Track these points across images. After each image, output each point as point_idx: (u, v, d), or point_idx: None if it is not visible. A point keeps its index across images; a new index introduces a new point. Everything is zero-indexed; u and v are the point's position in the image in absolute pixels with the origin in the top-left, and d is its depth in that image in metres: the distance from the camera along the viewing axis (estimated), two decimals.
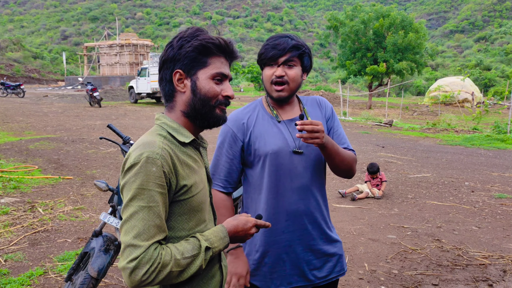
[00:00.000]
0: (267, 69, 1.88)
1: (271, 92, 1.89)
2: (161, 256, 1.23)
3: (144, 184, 1.25)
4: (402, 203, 6.44)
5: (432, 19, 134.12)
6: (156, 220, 1.25)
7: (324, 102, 2.07)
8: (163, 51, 1.43)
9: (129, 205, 1.26)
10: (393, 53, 26.65)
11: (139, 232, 1.23)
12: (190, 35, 1.38)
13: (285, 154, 1.88)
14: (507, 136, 13.39)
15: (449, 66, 79.68)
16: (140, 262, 1.20)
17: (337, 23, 29.01)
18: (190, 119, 1.43)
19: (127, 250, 1.22)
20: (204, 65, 1.39)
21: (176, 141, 1.39)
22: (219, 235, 1.38)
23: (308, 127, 1.69)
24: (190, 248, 1.30)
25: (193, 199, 1.37)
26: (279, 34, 1.91)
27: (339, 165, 1.90)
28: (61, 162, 8.62)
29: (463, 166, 9.30)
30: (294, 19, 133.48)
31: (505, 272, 4.16)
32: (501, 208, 6.20)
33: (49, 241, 4.71)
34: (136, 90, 26.11)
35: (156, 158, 1.27)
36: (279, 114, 1.95)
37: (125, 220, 1.26)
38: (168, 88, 1.41)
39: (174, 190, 1.32)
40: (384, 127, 16.81)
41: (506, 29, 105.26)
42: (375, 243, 4.89)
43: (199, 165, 1.45)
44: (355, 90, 44.23)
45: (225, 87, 1.42)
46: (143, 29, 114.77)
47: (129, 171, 1.28)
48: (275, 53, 1.83)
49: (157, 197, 1.26)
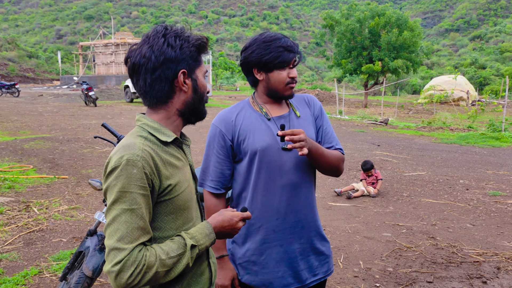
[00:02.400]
0: (280, 72, 1.87)
1: (285, 92, 1.91)
2: (145, 257, 1.23)
3: (125, 187, 1.25)
4: (397, 201, 6.47)
5: (427, 17, 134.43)
6: (139, 222, 1.25)
7: (312, 101, 2.08)
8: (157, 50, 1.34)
9: (111, 209, 1.27)
10: (388, 52, 26.73)
11: (122, 235, 1.23)
12: (183, 34, 1.39)
13: (274, 151, 1.88)
14: (502, 134, 13.46)
15: (444, 65, 79.96)
16: (125, 265, 1.21)
17: (333, 22, 29.06)
18: (184, 117, 1.44)
19: (111, 254, 1.23)
20: (199, 64, 1.44)
21: (158, 141, 1.39)
22: (204, 232, 1.38)
23: (289, 138, 1.71)
24: (175, 247, 1.30)
25: (178, 198, 1.37)
26: (276, 35, 1.89)
27: (325, 166, 1.93)
28: (56, 161, 8.60)
29: (458, 164, 9.34)
30: (290, 18, 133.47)
31: (499, 269, 4.19)
32: (495, 206, 6.23)
33: (44, 241, 4.70)
34: (132, 89, 26.03)
35: (137, 160, 1.27)
36: (268, 112, 1.95)
37: (108, 224, 1.27)
38: (168, 88, 1.39)
39: (157, 190, 1.32)
40: (380, 126, 16.85)
41: (501, 28, 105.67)
42: (370, 241, 4.90)
43: (183, 164, 1.45)
44: (351, 89, 44.35)
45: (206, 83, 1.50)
46: (139, 28, 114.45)
47: (111, 174, 1.28)
48: (293, 56, 1.86)
49: (139, 199, 1.26)
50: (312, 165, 1.94)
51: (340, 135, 13.53)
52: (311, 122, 2.00)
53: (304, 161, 1.93)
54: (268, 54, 1.84)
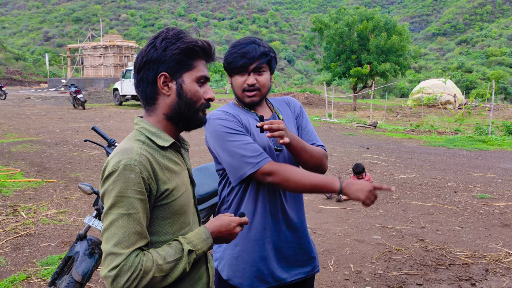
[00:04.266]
0: (237, 77, 1.88)
1: (243, 98, 1.91)
2: (142, 262, 1.23)
3: (122, 191, 1.25)
4: (387, 204, 6.51)
5: (414, 22, 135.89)
6: (136, 227, 1.25)
7: (292, 101, 2.11)
8: (143, 50, 1.41)
9: (108, 213, 1.27)
10: (377, 55, 26.97)
11: (119, 240, 1.23)
12: (174, 37, 1.37)
13: (271, 151, 1.90)
14: (488, 137, 13.63)
15: (431, 69, 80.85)
16: (122, 270, 1.21)
17: (322, 25, 29.24)
18: (173, 122, 1.42)
19: (108, 259, 1.23)
20: (190, 68, 1.39)
21: (156, 145, 1.38)
22: (201, 236, 1.38)
23: (267, 127, 1.69)
24: (172, 252, 1.30)
25: (175, 202, 1.37)
26: (244, 40, 1.90)
27: (308, 161, 1.91)
28: (44, 165, 8.51)
29: (446, 167, 9.43)
30: (279, 21, 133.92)
31: (487, 271, 4.23)
32: (483, 208, 6.30)
33: (32, 245, 4.64)
34: (121, 92, 25.89)
35: (134, 164, 1.27)
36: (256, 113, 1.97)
37: (105, 228, 1.27)
38: (150, 90, 1.40)
39: (155, 195, 1.32)
40: (369, 129, 16.95)
41: (487, 32, 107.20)
42: (360, 243, 4.93)
43: (180, 168, 1.44)
44: (340, 92, 44.58)
45: (206, 90, 1.44)
46: (128, 30, 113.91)
47: (108, 179, 1.28)
48: (245, 62, 1.84)
49: (137, 204, 1.26)
50: (297, 160, 1.93)
51: (329, 138, 13.59)
52: (292, 123, 2.03)
53: (291, 163, 1.93)
54: (227, 59, 1.89)
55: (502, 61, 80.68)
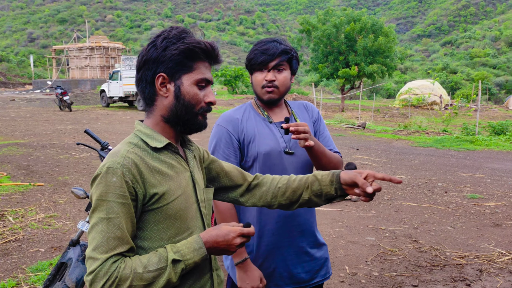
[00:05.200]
0: (257, 74, 1.91)
1: (262, 95, 1.91)
2: (119, 269, 1.18)
3: (103, 195, 1.22)
4: (379, 205, 6.51)
5: (400, 23, 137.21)
6: (116, 232, 1.21)
7: (310, 106, 2.14)
8: (144, 49, 1.36)
9: (91, 217, 1.25)
10: (364, 57, 27.12)
11: (97, 244, 1.20)
12: (175, 36, 1.32)
13: (277, 155, 1.89)
14: (476, 137, 13.78)
15: (417, 70, 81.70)
16: (97, 276, 1.17)
17: (310, 27, 29.31)
18: (170, 125, 1.37)
19: (88, 262, 1.21)
20: (190, 70, 1.33)
21: (149, 147, 1.34)
22: (192, 246, 1.28)
23: (293, 128, 1.70)
24: (156, 260, 1.22)
25: (168, 207, 1.30)
26: (267, 39, 1.93)
27: (326, 166, 1.92)
28: (31, 168, 8.35)
29: (435, 167, 9.49)
30: (266, 22, 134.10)
31: (481, 271, 4.24)
32: (474, 208, 6.34)
33: (20, 251, 4.53)
34: (108, 93, 25.66)
35: (117, 168, 1.23)
36: (270, 116, 1.97)
37: (88, 231, 1.25)
38: (148, 91, 1.35)
39: (142, 199, 1.27)
40: (358, 130, 17.02)
41: (471, 34, 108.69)
42: (354, 245, 4.91)
43: (177, 170, 1.37)
44: (327, 93, 44.73)
45: (207, 93, 1.38)
46: (114, 31, 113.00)
47: (93, 182, 1.27)
48: (265, 58, 1.86)
49: (117, 208, 1.21)
50: (314, 164, 1.94)
51: None
52: (310, 127, 2.01)
53: (305, 165, 1.95)
54: (248, 57, 1.92)
55: (485, 62, 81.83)
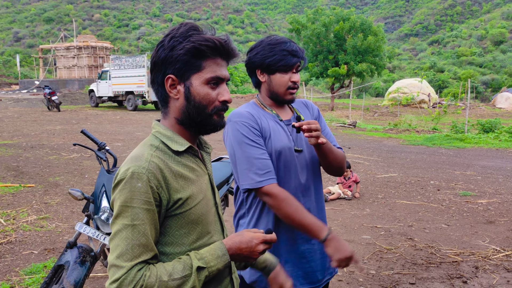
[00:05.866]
0: (282, 75, 1.88)
1: (285, 96, 1.91)
2: (144, 278, 1.15)
3: (128, 201, 1.18)
4: (373, 203, 6.53)
5: (388, 22, 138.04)
6: (141, 239, 1.17)
7: (310, 104, 2.14)
8: (154, 50, 1.31)
9: (114, 223, 1.20)
10: (354, 56, 27.24)
11: (121, 252, 1.16)
12: (182, 35, 1.26)
13: (290, 152, 1.88)
14: (465, 135, 13.91)
15: (405, 68, 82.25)
16: (122, 284, 1.14)
17: (299, 26, 29.37)
18: (185, 127, 1.33)
19: (111, 270, 1.17)
20: (198, 69, 1.27)
21: (170, 150, 1.30)
22: (216, 253, 1.26)
23: (306, 127, 1.71)
24: (180, 268, 1.20)
25: (191, 212, 1.28)
26: (283, 39, 1.89)
27: (333, 163, 1.93)
28: (21, 169, 8.23)
29: (427, 165, 9.56)
30: (255, 22, 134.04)
31: (477, 268, 4.27)
32: (466, 206, 6.39)
33: (13, 254, 4.46)
34: (97, 93, 25.44)
35: (142, 173, 1.19)
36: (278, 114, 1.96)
37: (111, 238, 1.20)
38: (161, 93, 1.32)
39: (166, 205, 1.23)
40: (349, 128, 17.09)
41: (457, 33, 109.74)
42: (350, 244, 4.91)
43: (198, 174, 1.34)
44: (317, 92, 44.84)
45: (221, 91, 1.31)
46: (101, 31, 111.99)
47: (116, 187, 1.22)
48: (297, 60, 1.87)
49: (143, 215, 1.18)
50: (321, 161, 1.94)
51: None
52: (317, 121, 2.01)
53: (314, 163, 1.96)
54: (272, 57, 1.85)
55: (472, 61, 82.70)
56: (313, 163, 1.95)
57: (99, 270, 4.07)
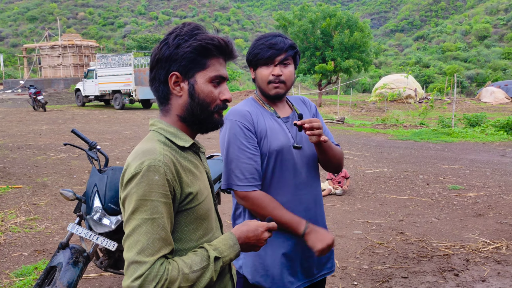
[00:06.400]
0: (263, 69, 1.88)
1: (269, 91, 1.90)
2: (167, 271, 1.15)
3: (146, 194, 1.17)
4: (364, 199, 6.57)
5: (374, 18, 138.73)
6: (161, 233, 1.17)
7: (308, 101, 2.13)
8: (156, 47, 1.32)
9: (131, 219, 1.18)
10: (341, 52, 27.34)
11: (143, 247, 1.15)
12: (188, 33, 1.29)
13: (288, 150, 1.88)
14: (452, 130, 14.06)
15: (391, 64, 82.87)
16: (146, 280, 1.12)
17: (286, 22, 29.37)
18: (187, 124, 1.35)
19: (131, 268, 1.14)
20: (203, 67, 1.30)
21: (176, 146, 1.31)
22: (228, 243, 1.30)
23: (308, 125, 1.72)
24: (198, 260, 1.21)
25: (199, 207, 1.29)
26: (271, 33, 1.92)
27: (332, 160, 1.94)
28: (8, 170, 8.12)
29: (415, 160, 9.64)
30: (241, 19, 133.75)
31: (468, 261, 4.32)
32: (456, 199, 6.46)
33: (3, 256, 4.39)
34: (83, 92, 25.18)
35: (159, 165, 1.19)
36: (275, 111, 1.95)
37: (127, 235, 1.18)
38: (162, 90, 1.32)
39: (179, 199, 1.24)
40: (337, 124, 17.16)
41: (442, 28, 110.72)
42: (342, 239, 4.94)
43: (200, 171, 1.37)
44: (304, 89, 44.99)
45: (223, 90, 1.35)
46: (86, 29, 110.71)
47: (130, 182, 1.20)
48: (273, 52, 1.84)
49: (161, 208, 1.18)
50: (320, 159, 1.95)
51: None
52: None
53: (313, 160, 1.96)
54: (253, 51, 1.89)
55: (457, 56, 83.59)
56: (313, 159, 1.96)
57: (91, 270, 4.03)
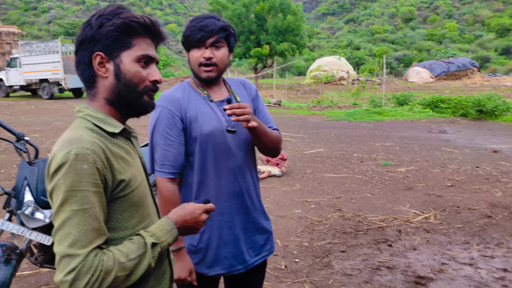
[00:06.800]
0: (194, 51, 1.85)
1: (200, 74, 1.86)
2: (102, 262, 1.11)
3: (75, 184, 1.11)
4: (303, 179, 6.75)
5: (306, 2, 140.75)
6: (93, 223, 1.12)
7: (248, 84, 2.10)
8: (80, 30, 1.27)
9: (60, 211, 1.12)
10: (275, 36, 27.54)
11: (74, 239, 1.10)
12: (111, 12, 1.24)
13: (220, 134, 1.87)
14: (383, 109, 14.73)
15: (324, 47, 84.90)
16: (80, 273, 1.08)
17: (219, 6, 29.06)
18: (115, 107, 1.29)
19: (63, 262, 1.09)
20: (128, 46, 1.25)
21: (105, 132, 1.25)
22: (165, 228, 1.27)
23: (238, 111, 1.71)
24: (135, 248, 1.18)
25: (133, 194, 1.26)
26: (204, 15, 1.88)
27: (267, 145, 1.94)
28: None
29: (350, 139, 10.02)
30: (174, 3, 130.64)
31: (400, 232, 4.59)
32: (388, 175, 6.81)
33: None
34: (7, 82, 23.60)
35: (87, 153, 1.14)
36: (210, 95, 1.93)
37: (57, 229, 1.12)
38: (88, 73, 1.26)
39: (111, 187, 1.19)
40: (274, 107, 17.38)
41: (371, 12, 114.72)
42: (283, 219, 5.06)
43: (133, 156, 1.32)
44: (240, 73, 44.97)
45: (152, 71, 1.30)
46: (7, 15, 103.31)
47: (57, 172, 1.13)
48: (203, 35, 1.80)
49: (92, 198, 1.13)
50: (255, 143, 1.95)
51: None
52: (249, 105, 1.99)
53: (248, 144, 1.95)
54: (185, 34, 1.86)
55: (385, 38, 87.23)
56: (249, 143, 1.95)
57: (25, 268, 3.85)
